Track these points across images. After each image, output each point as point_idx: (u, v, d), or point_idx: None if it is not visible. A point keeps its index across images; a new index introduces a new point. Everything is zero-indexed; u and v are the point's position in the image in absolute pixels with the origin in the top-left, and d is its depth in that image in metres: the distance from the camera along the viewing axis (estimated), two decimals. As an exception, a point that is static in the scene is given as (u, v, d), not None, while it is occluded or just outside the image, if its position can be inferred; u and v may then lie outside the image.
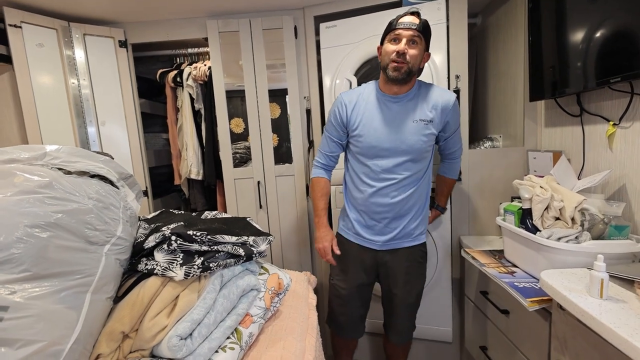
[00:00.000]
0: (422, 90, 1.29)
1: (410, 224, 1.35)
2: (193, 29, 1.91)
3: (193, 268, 0.86)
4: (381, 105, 1.29)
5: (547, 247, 1.10)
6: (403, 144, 1.25)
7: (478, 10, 2.01)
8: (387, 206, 1.31)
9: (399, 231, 1.35)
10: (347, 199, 1.44)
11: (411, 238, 1.37)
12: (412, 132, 1.25)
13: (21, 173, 0.70)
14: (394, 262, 1.38)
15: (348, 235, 1.44)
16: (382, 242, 1.36)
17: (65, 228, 0.69)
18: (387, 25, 1.25)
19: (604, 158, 1.29)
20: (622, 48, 1.09)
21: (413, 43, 1.19)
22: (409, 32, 1.17)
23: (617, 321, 0.75)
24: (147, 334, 0.78)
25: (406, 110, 1.27)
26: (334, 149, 1.40)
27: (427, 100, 1.27)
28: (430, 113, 1.25)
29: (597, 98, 1.30)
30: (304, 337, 1.05)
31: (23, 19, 1.60)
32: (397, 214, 1.32)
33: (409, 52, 1.17)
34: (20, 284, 0.59)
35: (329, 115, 1.42)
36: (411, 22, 1.17)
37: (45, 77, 1.69)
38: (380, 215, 1.33)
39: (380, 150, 1.28)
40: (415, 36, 1.18)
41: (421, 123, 1.25)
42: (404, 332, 1.48)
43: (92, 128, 1.83)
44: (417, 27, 1.17)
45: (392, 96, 1.28)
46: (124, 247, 0.85)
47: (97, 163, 0.93)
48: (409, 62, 1.18)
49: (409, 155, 1.26)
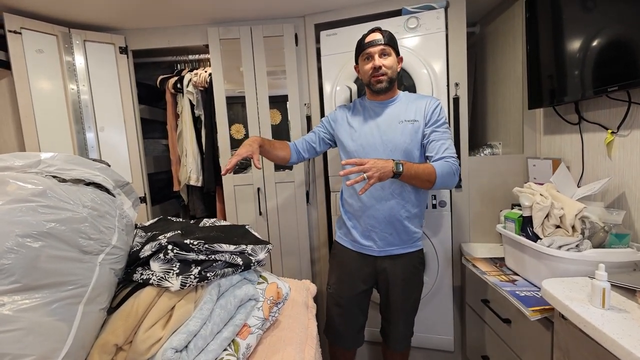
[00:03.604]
0: (408, 96, 1.40)
1: (407, 228, 1.35)
2: (194, 36, 1.92)
3: (190, 278, 0.85)
4: (370, 111, 1.40)
5: (548, 255, 1.09)
6: (391, 143, 1.32)
7: (477, 20, 2.03)
8: (383, 211, 1.32)
9: (396, 236, 1.35)
10: (343, 206, 1.46)
11: (409, 244, 1.37)
12: (398, 132, 1.32)
13: (14, 181, 0.69)
14: (393, 269, 1.37)
15: (346, 242, 1.44)
16: (380, 249, 1.36)
17: (58, 237, 0.67)
18: (356, 47, 1.38)
19: (603, 166, 1.29)
20: (619, 57, 1.09)
21: (384, 55, 1.31)
22: (378, 47, 1.30)
23: (620, 332, 0.74)
24: (141, 346, 0.76)
25: (392, 113, 1.35)
26: (313, 138, 1.50)
27: (411, 103, 1.36)
28: (414, 114, 1.33)
29: (595, 106, 1.31)
30: (303, 348, 1.03)
31: (23, 25, 1.60)
32: (393, 219, 1.33)
33: (384, 64, 1.29)
34: (10, 295, 0.58)
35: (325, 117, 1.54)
36: (377, 39, 1.30)
37: (44, 83, 1.69)
38: (376, 220, 1.34)
39: (371, 150, 1.33)
40: (384, 49, 1.30)
41: (407, 124, 1.32)
42: (402, 339, 1.47)
43: (90, 134, 1.83)
44: (383, 41, 1.30)
45: (379, 102, 1.39)
46: (119, 257, 0.84)
47: (93, 171, 0.92)
48: (387, 72, 1.30)
49: (396, 155, 1.30)
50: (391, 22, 1.69)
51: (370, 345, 1.91)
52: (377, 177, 1.08)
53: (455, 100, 1.67)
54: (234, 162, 1.21)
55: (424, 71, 1.63)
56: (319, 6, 1.77)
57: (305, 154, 1.49)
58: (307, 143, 1.49)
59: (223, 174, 1.24)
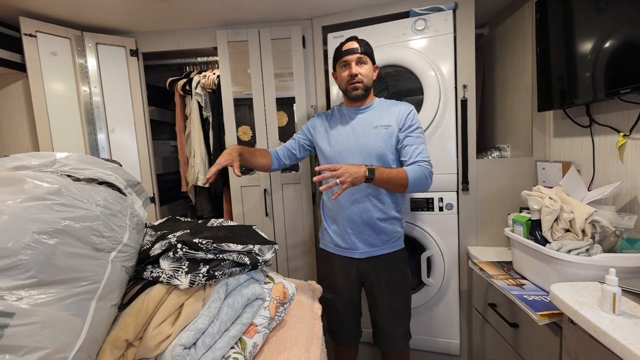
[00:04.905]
0: (383, 103, 1.45)
1: (384, 229, 1.38)
2: (203, 39, 1.94)
3: (198, 276, 0.86)
4: (346, 117, 1.45)
5: (557, 259, 1.08)
6: (366, 147, 1.36)
7: (485, 21, 2.02)
8: (358, 213, 1.37)
9: (375, 238, 1.39)
10: (323, 212, 1.51)
11: (389, 244, 1.41)
12: (373, 137, 1.36)
13: (31, 180, 0.71)
14: (376, 270, 1.41)
15: (329, 247, 1.49)
16: (361, 251, 1.40)
17: (73, 235, 0.69)
18: (334, 54, 1.43)
19: (615, 169, 1.27)
20: (632, 59, 1.08)
21: (361, 63, 1.36)
22: (355, 55, 1.35)
23: (630, 337, 0.73)
24: (151, 342, 0.77)
25: (368, 119, 1.40)
26: (293, 145, 1.56)
27: (386, 109, 1.41)
28: (388, 119, 1.37)
29: (607, 109, 1.29)
30: (309, 347, 1.04)
31: (38, 28, 1.65)
32: (369, 221, 1.37)
33: (360, 72, 1.35)
34: (27, 290, 0.60)
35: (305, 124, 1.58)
36: (354, 48, 1.35)
37: (58, 85, 1.73)
38: (353, 222, 1.38)
39: (348, 154, 1.38)
40: (360, 57, 1.35)
41: (382, 129, 1.36)
42: (395, 340, 1.46)
43: (102, 135, 1.86)
44: (359, 49, 1.35)
45: (356, 108, 1.44)
46: (130, 255, 0.86)
47: (106, 170, 0.94)
48: (363, 80, 1.36)
49: (371, 159, 1.34)
50: (399, 24, 1.69)
51: (372, 347, 1.90)
52: (350, 182, 1.14)
53: (463, 102, 1.66)
54: (213, 172, 1.26)
55: (432, 73, 1.63)
56: (327, 9, 1.78)
57: (287, 160, 1.55)
58: (287, 150, 1.55)
59: (204, 183, 1.30)
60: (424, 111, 1.66)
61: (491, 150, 1.88)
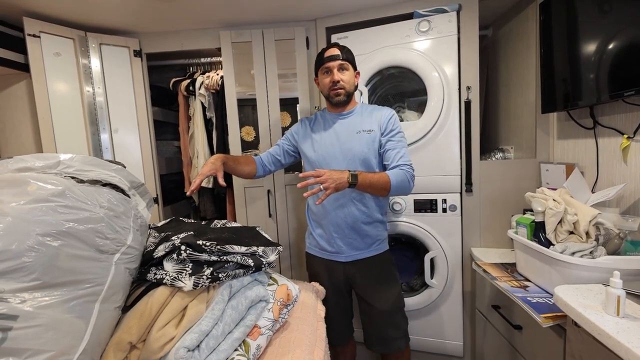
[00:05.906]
0: (365, 108, 1.46)
1: (368, 233, 1.40)
2: (207, 39, 1.94)
3: (202, 278, 0.86)
4: (330, 123, 1.46)
5: (561, 261, 1.07)
6: (349, 152, 1.38)
7: (489, 22, 2.01)
8: (343, 217, 1.38)
9: (360, 241, 1.40)
10: (308, 216, 1.53)
11: (374, 247, 1.42)
12: (356, 142, 1.38)
13: (35, 181, 0.71)
14: (362, 273, 1.42)
15: (315, 252, 1.50)
16: (346, 254, 1.41)
17: (77, 237, 0.69)
18: (316, 60, 1.44)
19: (619, 171, 1.26)
20: (636, 61, 1.07)
21: (342, 69, 1.38)
22: (336, 62, 1.36)
23: (634, 340, 0.72)
24: (154, 344, 0.77)
25: (351, 124, 1.42)
26: (278, 151, 1.56)
27: (368, 114, 1.43)
28: (370, 124, 1.39)
29: (611, 111, 1.28)
30: (312, 349, 1.04)
31: (42, 29, 1.65)
32: (354, 224, 1.38)
33: (342, 78, 1.37)
34: (31, 292, 0.60)
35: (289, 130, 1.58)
36: (335, 54, 1.37)
37: (61, 85, 1.73)
38: (338, 226, 1.40)
39: (332, 159, 1.39)
40: (342, 64, 1.37)
41: (364, 133, 1.38)
42: (387, 340, 1.46)
43: (105, 135, 1.87)
44: (341, 56, 1.36)
45: (338, 114, 1.46)
46: (133, 256, 0.86)
47: (109, 172, 0.94)
48: (345, 86, 1.38)
49: (355, 163, 1.36)
50: (403, 26, 1.69)
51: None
52: (334, 188, 1.15)
53: (466, 103, 1.65)
54: (198, 182, 1.27)
55: (435, 74, 1.62)
56: (331, 10, 1.78)
57: (272, 166, 1.56)
58: (272, 156, 1.56)
59: (188, 194, 1.31)
60: (427, 112, 1.66)
61: (495, 151, 1.88)
